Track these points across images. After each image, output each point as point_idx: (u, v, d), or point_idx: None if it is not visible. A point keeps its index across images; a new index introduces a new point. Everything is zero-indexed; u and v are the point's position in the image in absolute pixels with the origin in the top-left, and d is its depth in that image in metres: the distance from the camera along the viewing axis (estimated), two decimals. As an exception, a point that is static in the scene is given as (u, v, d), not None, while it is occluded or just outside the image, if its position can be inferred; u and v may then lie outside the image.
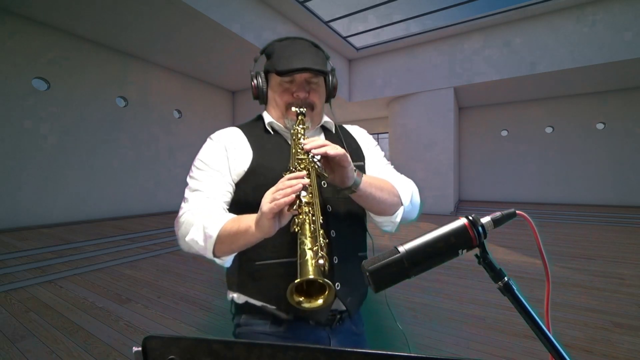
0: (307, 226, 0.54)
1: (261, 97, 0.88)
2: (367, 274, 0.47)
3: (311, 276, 0.44)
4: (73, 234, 5.07)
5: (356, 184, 0.70)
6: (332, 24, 7.34)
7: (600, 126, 8.85)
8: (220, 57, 7.29)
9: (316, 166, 0.66)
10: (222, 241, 0.67)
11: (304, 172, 0.61)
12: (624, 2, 6.28)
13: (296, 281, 0.44)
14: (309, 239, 0.52)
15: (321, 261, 0.48)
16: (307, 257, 0.48)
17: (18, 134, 5.50)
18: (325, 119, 0.92)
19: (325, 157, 0.66)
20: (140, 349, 0.34)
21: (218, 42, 6.34)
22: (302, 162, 0.67)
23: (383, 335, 1.07)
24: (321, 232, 0.53)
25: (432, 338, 2.27)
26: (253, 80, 0.87)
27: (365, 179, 0.72)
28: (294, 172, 0.64)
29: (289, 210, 0.58)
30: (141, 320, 2.53)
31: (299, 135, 0.74)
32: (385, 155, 0.97)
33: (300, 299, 0.48)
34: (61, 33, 6.00)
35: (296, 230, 0.55)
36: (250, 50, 6.37)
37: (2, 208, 5.32)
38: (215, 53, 7.03)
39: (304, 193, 0.58)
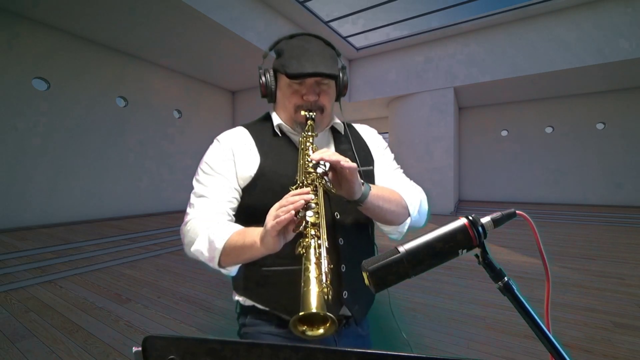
0: (312, 251, 0.53)
1: (270, 96, 0.85)
2: (367, 274, 0.47)
3: (314, 310, 0.43)
4: (73, 234, 5.07)
5: (364, 197, 0.69)
6: (332, 24, 7.34)
7: (600, 126, 8.85)
8: (220, 57, 7.29)
9: (324, 181, 0.64)
10: (228, 254, 0.67)
11: (308, 189, 0.59)
12: (624, 3, 6.28)
13: (300, 314, 0.43)
14: (313, 265, 0.50)
15: (325, 290, 0.47)
16: (310, 287, 0.47)
17: (18, 134, 5.50)
18: (335, 119, 0.90)
19: (334, 170, 0.64)
20: (140, 349, 0.34)
21: (218, 42, 6.34)
22: (309, 177, 0.65)
23: (387, 336, 1.06)
24: (326, 257, 0.52)
25: (432, 338, 2.27)
26: (261, 78, 0.84)
27: (373, 191, 0.70)
28: (301, 186, 0.62)
29: (294, 230, 0.57)
30: (141, 320, 2.52)
31: (307, 145, 0.72)
32: (394, 158, 0.95)
33: (304, 328, 0.47)
34: (61, 33, 5.99)
35: (302, 252, 0.54)
36: (250, 50, 6.37)
37: (6, 209, 5.32)
38: (216, 53, 7.03)
39: (310, 213, 0.56)
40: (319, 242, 0.54)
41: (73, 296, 2.98)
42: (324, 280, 0.48)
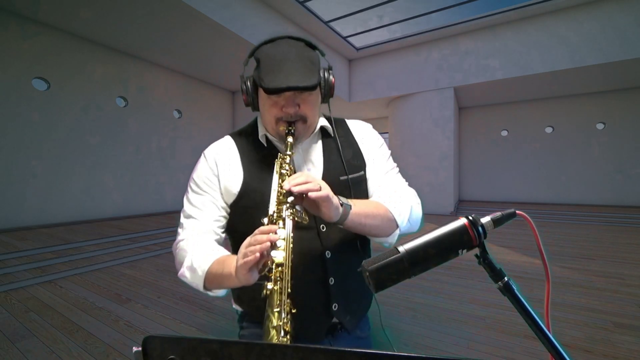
0: (275, 296, 0.52)
1: (252, 105, 0.83)
2: (367, 274, 0.47)
3: None
4: (73, 234, 5.07)
5: (342, 219, 0.68)
6: (332, 24, 7.33)
7: (600, 126, 8.85)
8: (220, 57, 7.29)
9: (295, 211, 0.62)
10: (210, 281, 0.69)
11: (275, 227, 0.58)
12: (624, 3, 6.28)
13: None
14: (275, 313, 0.50)
15: (284, 339, 0.47)
16: (270, 337, 0.47)
17: (18, 134, 5.50)
18: (324, 122, 0.86)
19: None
20: (140, 349, 0.34)
21: (218, 42, 6.34)
22: (281, 206, 0.63)
23: (387, 339, 1.05)
24: (287, 303, 0.51)
25: (432, 338, 2.27)
26: (242, 87, 0.82)
27: (354, 209, 0.69)
28: (272, 218, 0.61)
29: (260, 272, 0.57)
30: (141, 320, 2.52)
31: (283, 166, 0.70)
32: (391, 155, 0.92)
33: None
34: (61, 33, 5.99)
35: (266, 294, 0.53)
36: (250, 50, 6.35)
37: (6, 209, 5.32)
38: (216, 53, 7.02)
39: (275, 253, 0.55)
40: (282, 285, 0.53)
41: (73, 296, 2.98)
42: (282, 331, 0.48)
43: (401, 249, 0.48)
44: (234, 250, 0.81)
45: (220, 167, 0.81)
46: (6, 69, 5.35)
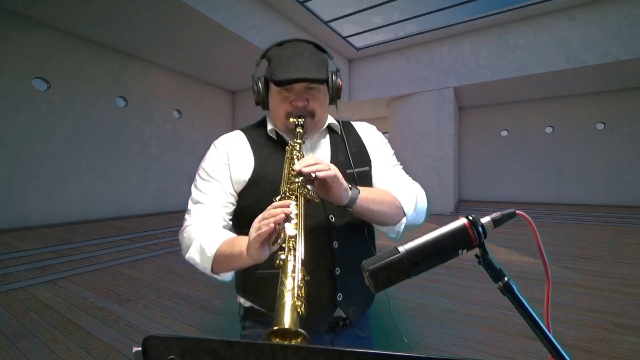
0: (288, 263, 0.53)
1: (262, 104, 0.87)
2: (367, 273, 0.47)
3: (286, 326, 0.44)
4: (73, 234, 5.07)
5: (352, 202, 0.70)
6: (332, 24, 7.34)
7: (600, 126, 8.85)
8: (220, 57, 7.29)
9: (306, 191, 0.65)
10: (219, 262, 0.70)
11: (289, 201, 0.60)
12: (622, 3, 6.28)
13: (274, 328, 0.44)
14: (289, 278, 0.51)
15: (298, 302, 0.48)
16: (284, 300, 0.48)
17: (18, 134, 5.50)
18: (331, 120, 0.90)
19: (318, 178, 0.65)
20: (140, 349, 0.34)
21: (218, 42, 6.34)
22: (292, 186, 0.65)
23: (388, 338, 1.06)
24: (301, 270, 0.52)
25: (432, 338, 2.27)
26: (254, 87, 0.86)
27: (362, 194, 0.71)
28: (284, 197, 0.63)
29: (273, 243, 0.58)
30: (141, 320, 2.53)
31: (294, 152, 0.73)
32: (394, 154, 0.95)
33: (277, 341, 0.47)
34: (61, 33, 5.99)
35: (280, 264, 0.54)
36: (250, 50, 6.37)
37: (6, 209, 5.32)
38: (216, 53, 7.03)
39: (288, 225, 0.56)
40: (296, 254, 0.54)
41: (73, 296, 2.98)
42: (297, 294, 0.49)
43: (401, 249, 0.48)
44: None
45: (231, 156, 0.83)
46: (6, 69, 5.35)
